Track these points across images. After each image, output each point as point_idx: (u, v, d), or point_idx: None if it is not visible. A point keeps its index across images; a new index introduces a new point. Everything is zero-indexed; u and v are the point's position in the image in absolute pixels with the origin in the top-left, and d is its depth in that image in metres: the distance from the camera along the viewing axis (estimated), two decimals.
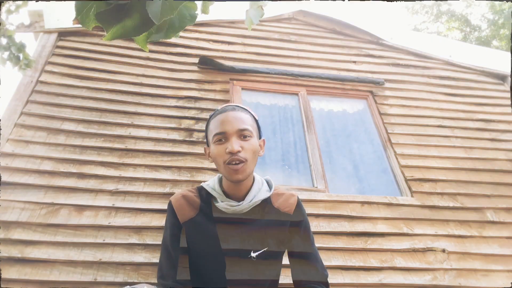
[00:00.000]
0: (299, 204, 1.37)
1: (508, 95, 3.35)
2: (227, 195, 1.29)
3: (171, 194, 2.08)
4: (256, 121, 1.33)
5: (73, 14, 0.55)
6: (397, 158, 2.62)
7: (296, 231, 1.33)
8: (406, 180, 2.50)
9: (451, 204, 2.42)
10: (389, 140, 2.72)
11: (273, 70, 2.90)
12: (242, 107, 1.31)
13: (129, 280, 1.73)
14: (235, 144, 1.19)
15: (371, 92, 3.04)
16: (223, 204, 1.26)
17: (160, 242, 1.87)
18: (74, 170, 2.08)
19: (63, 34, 2.77)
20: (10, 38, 2.21)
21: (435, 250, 2.16)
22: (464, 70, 3.46)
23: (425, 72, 3.34)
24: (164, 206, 2.02)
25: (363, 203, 2.30)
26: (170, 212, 1.32)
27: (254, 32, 3.19)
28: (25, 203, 1.90)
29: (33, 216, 1.86)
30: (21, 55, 2.26)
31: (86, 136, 2.25)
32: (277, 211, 1.32)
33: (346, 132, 2.86)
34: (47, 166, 2.07)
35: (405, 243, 2.16)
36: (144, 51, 2.81)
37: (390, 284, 1.96)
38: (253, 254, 1.25)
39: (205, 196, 1.32)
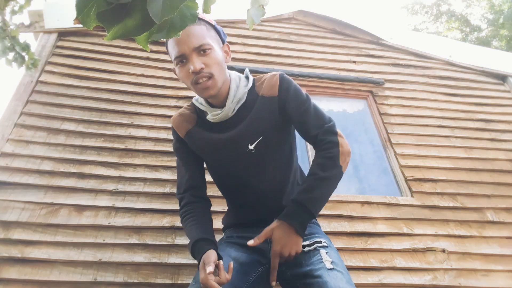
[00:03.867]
0: (281, 81, 1.32)
1: (508, 95, 3.35)
2: (213, 105, 1.33)
3: (171, 194, 2.08)
4: (214, 27, 1.30)
5: (73, 14, 0.55)
6: (397, 158, 2.62)
7: (287, 108, 1.30)
8: (406, 180, 2.50)
9: (451, 204, 2.42)
10: (389, 140, 2.72)
11: (273, 70, 2.90)
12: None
13: (129, 280, 1.73)
14: (196, 63, 1.18)
15: (371, 92, 3.04)
16: (210, 116, 1.31)
17: (160, 242, 1.88)
18: (74, 170, 2.08)
19: (63, 34, 2.77)
20: (15, 39, 2.21)
21: (435, 250, 2.16)
22: (464, 70, 3.46)
23: (425, 72, 3.34)
24: (164, 206, 2.03)
25: (363, 203, 2.30)
26: (172, 131, 1.43)
27: (254, 32, 3.19)
28: (25, 203, 1.90)
29: (33, 216, 1.86)
30: (26, 56, 2.25)
31: (86, 136, 2.25)
32: (263, 99, 1.31)
33: (346, 132, 2.85)
34: (47, 166, 2.06)
35: (405, 243, 2.16)
36: (144, 51, 2.82)
37: (390, 284, 1.96)
38: (250, 147, 1.27)
39: (198, 111, 1.39)
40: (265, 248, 1.28)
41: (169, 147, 2.30)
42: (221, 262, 1.12)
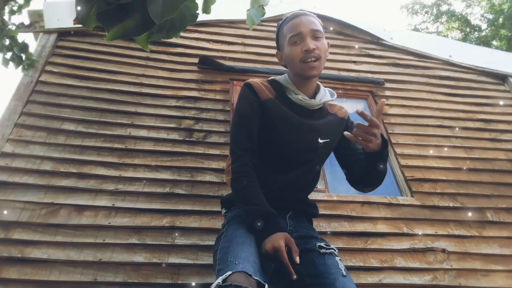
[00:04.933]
0: (349, 115, 1.59)
1: (508, 95, 3.35)
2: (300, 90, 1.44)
3: (171, 194, 2.08)
4: (321, 24, 1.46)
5: (73, 14, 0.55)
6: (397, 158, 2.62)
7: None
8: (406, 180, 2.50)
9: (451, 204, 2.42)
10: (389, 140, 2.72)
11: (273, 70, 2.90)
12: (311, 12, 1.46)
13: (129, 280, 1.73)
14: (310, 43, 1.33)
15: (371, 92, 3.04)
16: (299, 96, 1.41)
17: (160, 242, 1.88)
18: (74, 170, 2.08)
19: (63, 34, 2.77)
20: (13, 39, 2.21)
21: (435, 250, 2.16)
22: (464, 70, 3.46)
23: (425, 72, 3.34)
24: (164, 206, 2.03)
25: (363, 203, 2.30)
26: (250, 91, 1.42)
27: (254, 32, 3.19)
28: (25, 203, 1.90)
29: (33, 216, 1.86)
30: (23, 56, 2.25)
31: (86, 136, 2.25)
32: (334, 115, 1.52)
33: None
34: (47, 166, 2.06)
35: (405, 243, 2.16)
36: (144, 51, 2.82)
37: (390, 284, 1.96)
38: (320, 141, 1.41)
39: (278, 88, 1.45)
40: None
41: (169, 147, 2.30)
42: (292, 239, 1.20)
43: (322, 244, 1.29)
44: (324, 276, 1.17)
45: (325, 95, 1.48)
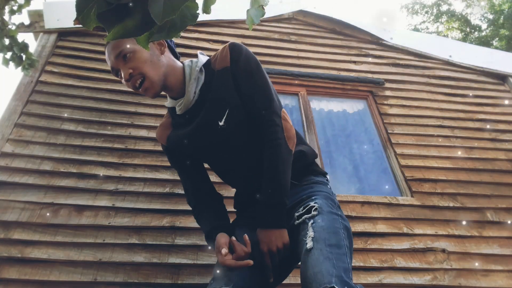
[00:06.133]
0: (232, 50, 1.29)
1: (508, 95, 3.35)
2: (177, 98, 1.31)
3: (171, 194, 2.08)
4: None
5: (73, 14, 0.55)
6: (397, 158, 2.62)
7: (237, 77, 1.27)
8: (406, 180, 2.50)
9: (451, 204, 2.42)
10: (389, 140, 2.72)
11: (273, 70, 2.90)
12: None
13: (129, 280, 1.73)
14: (123, 72, 1.19)
15: (371, 92, 3.04)
16: (177, 109, 1.31)
17: (160, 242, 1.88)
18: (74, 170, 2.08)
19: (63, 34, 2.77)
20: (13, 38, 2.21)
21: (435, 250, 2.16)
22: (464, 70, 3.46)
23: (425, 72, 3.34)
24: (164, 206, 2.03)
25: (363, 203, 2.30)
26: (160, 144, 1.45)
27: (254, 32, 3.19)
28: (25, 203, 1.90)
29: (33, 216, 1.86)
30: (23, 55, 2.25)
31: (86, 136, 2.25)
32: (218, 73, 1.27)
33: (346, 132, 2.85)
34: (47, 166, 2.06)
35: (405, 243, 2.16)
36: None
37: (390, 284, 1.96)
38: (220, 123, 1.23)
39: (171, 112, 1.39)
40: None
41: None
42: (233, 238, 1.18)
43: (299, 210, 1.20)
44: (295, 259, 1.16)
45: (192, 72, 1.28)
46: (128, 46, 1.19)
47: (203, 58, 1.34)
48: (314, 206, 1.16)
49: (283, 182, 1.17)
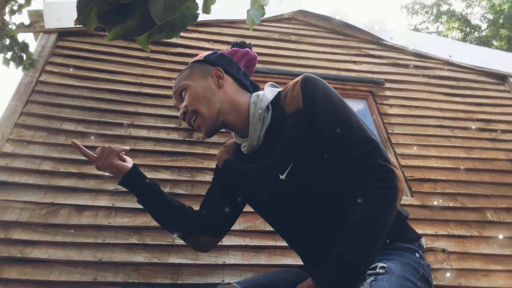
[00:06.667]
0: (305, 87, 1.07)
1: (508, 95, 3.35)
2: (243, 136, 1.18)
3: (171, 194, 2.08)
4: (201, 60, 1.21)
5: (73, 14, 0.55)
6: (397, 158, 2.62)
7: (317, 120, 1.03)
8: (406, 180, 2.50)
9: (451, 204, 2.42)
10: (389, 140, 2.72)
11: (273, 70, 2.90)
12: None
13: (129, 280, 1.73)
14: (180, 111, 1.16)
15: (371, 92, 3.04)
16: (242, 148, 1.19)
17: (160, 242, 1.88)
18: (74, 170, 2.08)
19: (63, 34, 2.77)
20: (13, 38, 2.21)
21: (435, 250, 2.16)
22: (464, 70, 3.46)
23: (425, 72, 3.34)
24: None
25: None
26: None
27: (254, 32, 3.19)
28: (25, 203, 1.90)
29: (33, 216, 1.86)
30: (24, 55, 2.25)
31: (86, 136, 2.25)
32: (288, 117, 1.07)
33: None
34: (47, 166, 2.06)
35: None
36: (144, 51, 2.81)
37: None
38: (282, 176, 1.05)
39: (237, 145, 1.27)
40: None
41: (169, 147, 2.30)
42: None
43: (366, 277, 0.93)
44: None
45: (256, 111, 1.11)
46: (183, 82, 1.15)
47: (270, 93, 1.17)
48: (383, 265, 0.93)
49: (374, 245, 0.90)
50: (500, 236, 2.32)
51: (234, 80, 1.19)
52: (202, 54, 1.25)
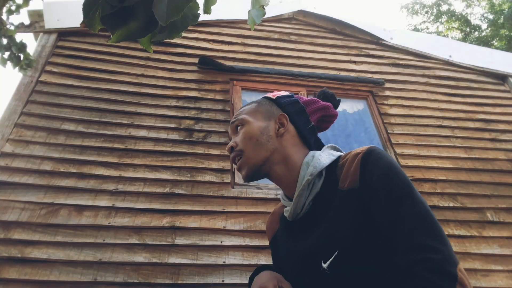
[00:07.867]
0: (364, 162, 0.88)
1: (508, 95, 3.35)
2: (289, 197, 1.03)
3: (171, 194, 2.08)
4: (273, 99, 1.10)
5: (73, 14, 0.55)
6: (397, 158, 2.62)
7: (372, 205, 0.85)
8: None
9: (451, 204, 2.42)
10: (389, 140, 2.73)
11: (273, 70, 2.90)
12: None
13: (129, 280, 1.73)
14: (230, 142, 1.05)
15: (371, 92, 3.05)
16: (285, 212, 1.04)
17: (160, 242, 1.88)
18: (74, 170, 2.08)
19: (63, 34, 2.77)
20: (11, 38, 2.21)
21: None
22: (464, 70, 3.47)
23: (425, 72, 3.34)
24: (164, 206, 2.03)
25: None
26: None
27: (254, 32, 3.19)
28: (25, 203, 1.90)
29: (33, 216, 1.86)
30: (21, 55, 2.25)
31: (86, 136, 2.25)
32: (342, 195, 0.90)
33: (346, 132, 2.86)
34: (47, 166, 2.06)
35: None
36: (144, 51, 2.81)
37: None
38: (324, 265, 0.87)
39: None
40: None
41: (169, 147, 2.30)
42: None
43: None
44: None
45: (305, 175, 0.96)
46: (243, 116, 1.05)
47: (327, 157, 0.99)
48: None
49: None
50: (500, 236, 2.33)
51: (297, 132, 1.06)
52: (277, 93, 1.14)
